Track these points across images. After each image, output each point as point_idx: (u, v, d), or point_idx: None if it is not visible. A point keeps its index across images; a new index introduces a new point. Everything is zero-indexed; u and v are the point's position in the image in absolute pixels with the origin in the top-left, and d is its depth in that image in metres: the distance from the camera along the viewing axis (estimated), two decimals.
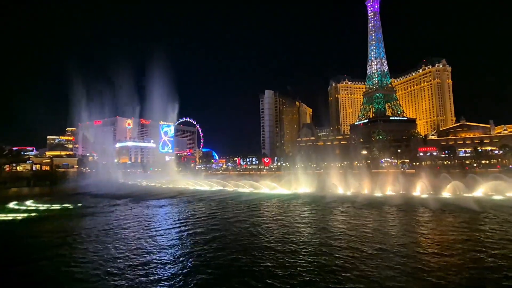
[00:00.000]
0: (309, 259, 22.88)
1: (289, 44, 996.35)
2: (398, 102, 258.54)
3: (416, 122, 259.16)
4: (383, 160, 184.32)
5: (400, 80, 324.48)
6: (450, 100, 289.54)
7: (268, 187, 77.00)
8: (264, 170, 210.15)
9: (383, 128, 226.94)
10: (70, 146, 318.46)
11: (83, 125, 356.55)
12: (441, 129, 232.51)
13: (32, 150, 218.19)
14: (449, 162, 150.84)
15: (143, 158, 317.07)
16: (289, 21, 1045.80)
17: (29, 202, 62.63)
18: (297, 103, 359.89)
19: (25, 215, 47.23)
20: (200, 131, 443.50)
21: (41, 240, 31.56)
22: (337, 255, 23.64)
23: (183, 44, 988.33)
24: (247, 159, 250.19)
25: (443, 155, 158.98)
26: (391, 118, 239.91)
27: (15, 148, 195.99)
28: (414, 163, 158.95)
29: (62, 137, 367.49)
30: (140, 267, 22.16)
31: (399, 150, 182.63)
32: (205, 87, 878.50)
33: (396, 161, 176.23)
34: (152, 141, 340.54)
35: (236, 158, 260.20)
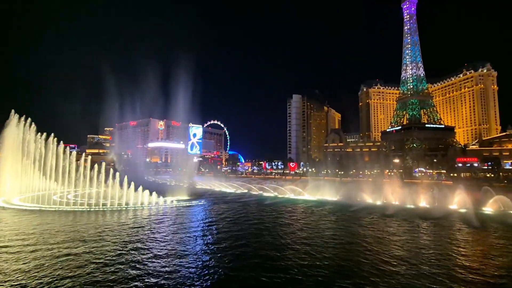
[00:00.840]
0: (324, 274, 22.11)
1: (319, 47, 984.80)
2: (435, 108, 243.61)
3: (455, 130, 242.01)
4: (416, 169, 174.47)
5: (437, 85, 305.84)
6: (495, 107, 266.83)
7: (293, 192, 76.09)
8: (290, 175, 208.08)
9: (418, 135, 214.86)
10: (108, 144, 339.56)
11: (120, 126, 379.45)
12: (483, 138, 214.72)
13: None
14: (492, 175, 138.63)
15: (172, 158, 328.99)
16: (319, 24, 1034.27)
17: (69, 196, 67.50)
18: (325, 107, 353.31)
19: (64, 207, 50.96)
20: (227, 133, 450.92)
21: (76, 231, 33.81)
22: (363, 273, 22.58)
23: (211, 48, 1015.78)
24: (273, 163, 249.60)
25: (485, 167, 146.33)
26: (426, 125, 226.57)
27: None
28: (452, 174, 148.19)
29: (100, 136, 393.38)
30: (164, 262, 22.93)
31: (435, 160, 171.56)
32: (233, 91, 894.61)
33: (432, 171, 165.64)
34: (181, 142, 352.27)
35: (261, 162, 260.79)
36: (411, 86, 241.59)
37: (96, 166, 57.31)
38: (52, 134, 65.99)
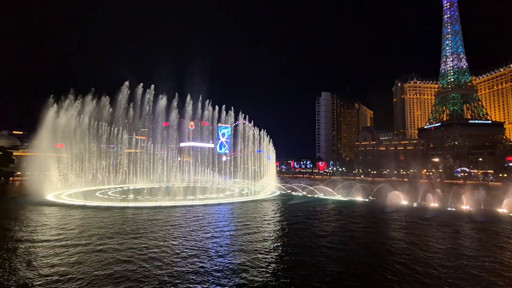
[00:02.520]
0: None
1: (349, 40, 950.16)
2: (479, 103, 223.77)
3: (505, 126, 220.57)
4: (458, 169, 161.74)
5: (483, 77, 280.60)
6: None
7: (322, 192, 74.24)
8: (319, 175, 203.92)
9: (460, 132, 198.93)
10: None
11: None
12: None
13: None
14: None
15: (202, 158, 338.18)
16: (349, 14, 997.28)
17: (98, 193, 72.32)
18: (356, 104, 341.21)
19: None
20: (255, 133, 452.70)
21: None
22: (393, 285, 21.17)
23: (237, 45, 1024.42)
24: (301, 162, 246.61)
25: None
26: (470, 121, 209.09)
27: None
28: (501, 175, 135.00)
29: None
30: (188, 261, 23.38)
31: (480, 159, 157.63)
32: (260, 89, 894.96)
33: (477, 171, 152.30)
34: (210, 141, 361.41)
35: (289, 161, 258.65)
36: (452, 79, 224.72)
37: None
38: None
